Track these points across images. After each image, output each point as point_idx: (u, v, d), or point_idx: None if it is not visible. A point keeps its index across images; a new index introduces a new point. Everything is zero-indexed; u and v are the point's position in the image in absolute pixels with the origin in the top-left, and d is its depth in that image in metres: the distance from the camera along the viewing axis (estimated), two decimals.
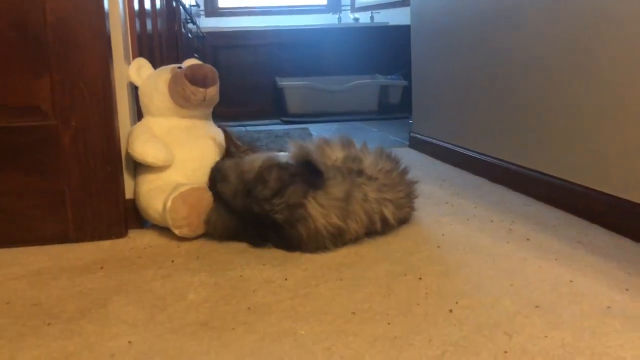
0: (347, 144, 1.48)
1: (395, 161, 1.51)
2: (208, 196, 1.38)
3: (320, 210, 1.27)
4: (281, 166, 1.33)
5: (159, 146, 1.45)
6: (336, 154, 1.43)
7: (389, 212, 1.37)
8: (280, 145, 3.05)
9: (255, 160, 1.37)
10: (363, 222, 1.32)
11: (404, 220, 1.47)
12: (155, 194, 1.43)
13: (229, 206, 1.34)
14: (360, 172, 1.37)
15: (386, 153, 1.51)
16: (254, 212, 1.29)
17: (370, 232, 1.37)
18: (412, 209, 1.51)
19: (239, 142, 1.52)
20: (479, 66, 2.11)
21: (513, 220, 1.52)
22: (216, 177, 1.39)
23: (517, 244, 1.34)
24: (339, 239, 1.30)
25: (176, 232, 1.38)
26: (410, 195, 1.49)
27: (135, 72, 1.53)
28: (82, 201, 1.42)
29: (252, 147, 1.54)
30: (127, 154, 1.49)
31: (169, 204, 1.35)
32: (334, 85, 4.65)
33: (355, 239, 1.34)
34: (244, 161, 1.39)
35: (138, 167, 1.51)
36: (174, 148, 1.48)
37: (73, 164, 1.40)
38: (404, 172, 1.51)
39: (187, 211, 1.35)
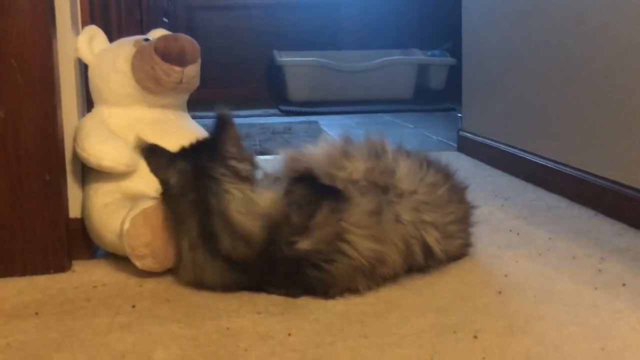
0: (377, 151, 1.46)
1: (444, 173, 1.51)
2: None
3: (358, 232, 1.28)
4: (300, 192, 1.32)
5: (120, 145, 1.47)
6: (355, 164, 1.42)
7: (432, 239, 1.38)
8: (279, 145, 3.07)
9: (266, 193, 1.31)
10: (400, 251, 1.33)
11: (455, 256, 1.48)
12: (113, 210, 1.44)
13: (237, 263, 1.31)
14: (386, 189, 1.37)
15: (430, 161, 1.51)
16: (276, 260, 1.28)
17: (410, 268, 1.38)
18: (467, 242, 1.52)
19: (241, 150, 1.34)
20: (561, 40, 2.11)
21: (603, 257, 1.52)
22: (220, 234, 1.29)
23: (608, 289, 1.34)
24: (374, 272, 1.31)
25: (137, 264, 1.39)
26: (464, 222, 1.49)
27: (85, 45, 1.56)
28: (11, 221, 1.43)
29: (252, 160, 1.36)
30: (74, 155, 1.50)
31: (126, 225, 1.37)
32: (354, 62, 4.67)
33: (393, 277, 1.35)
34: (255, 199, 1.30)
35: (88, 174, 1.53)
36: None
37: None
38: (458, 189, 1.51)
39: (151, 236, 1.36)
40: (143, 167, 1.48)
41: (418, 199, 1.39)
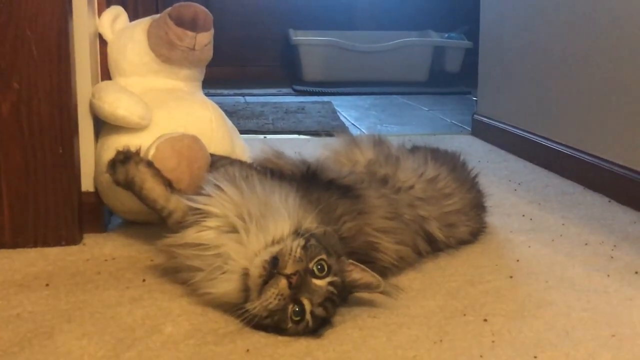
0: (378, 142, 1.53)
1: (449, 165, 1.52)
2: (203, 150, 1.42)
3: (386, 239, 1.28)
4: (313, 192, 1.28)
5: (135, 98, 1.49)
6: (365, 153, 1.49)
7: (433, 227, 1.39)
8: (293, 123, 3.07)
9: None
10: (409, 246, 1.34)
11: (464, 241, 1.48)
12: None
13: None
14: (385, 181, 1.40)
15: (437, 155, 1.54)
16: None
17: (420, 255, 1.38)
18: (475, 229, 1.51)
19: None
20: (581, 26, 2.10)
21: (616, 244, 1.52)
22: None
23: (620, 277, 1.34)
24: (398, 269, 1.31)
25: None
26: (468, 211, 1.49)
27: (108, 23, 1.59)
28: (23, 193, 1.44)
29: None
30: (88, 129, 1.52)
31: (152, 151, 1.39)
32: (369, 43, 4.64)
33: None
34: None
35: (102, 133, 1.55)
36: (152, 109, 1.52)
37: (12, 142, 1.42)
38: (464, 180, 1.52)
39: (177, 161, 1.39)
40: (154, 127, 1.50)
41: (414, 194, 1.40)
